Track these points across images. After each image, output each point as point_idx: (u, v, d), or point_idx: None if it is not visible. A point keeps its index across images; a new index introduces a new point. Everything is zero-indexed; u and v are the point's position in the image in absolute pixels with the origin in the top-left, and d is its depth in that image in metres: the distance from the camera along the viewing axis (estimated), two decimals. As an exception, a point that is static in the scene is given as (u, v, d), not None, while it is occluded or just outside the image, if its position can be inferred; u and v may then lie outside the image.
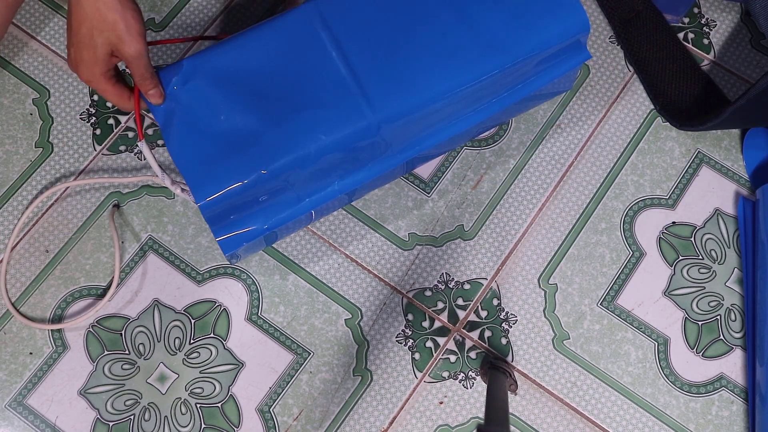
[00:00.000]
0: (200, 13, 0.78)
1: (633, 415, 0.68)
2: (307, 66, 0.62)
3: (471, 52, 0.62)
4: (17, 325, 0.69)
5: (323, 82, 0.61)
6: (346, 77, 0.61)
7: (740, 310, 0.70)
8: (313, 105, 0.61)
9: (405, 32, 0.63)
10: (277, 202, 0.63)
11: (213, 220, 0.62)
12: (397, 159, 0.66)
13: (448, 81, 0.62)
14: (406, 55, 0.62)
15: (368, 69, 0.62)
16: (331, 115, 0.61)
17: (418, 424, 0.68)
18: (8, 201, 0.72)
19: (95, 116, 0.75)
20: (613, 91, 0.76)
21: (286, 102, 0.61)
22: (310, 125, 0.61)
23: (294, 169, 0.61)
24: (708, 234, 0.72)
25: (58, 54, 0.76)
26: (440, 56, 0.62)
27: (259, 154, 0.60)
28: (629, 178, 0.73)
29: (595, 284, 0.71)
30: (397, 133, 0.63)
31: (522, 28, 0.63)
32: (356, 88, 0.61)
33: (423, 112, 0.62)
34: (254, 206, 0.62)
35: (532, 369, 0.69)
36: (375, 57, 0.62)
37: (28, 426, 0.67)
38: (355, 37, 0.62)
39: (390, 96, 0.61)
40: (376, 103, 0.61)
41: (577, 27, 0.63)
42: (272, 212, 0.63)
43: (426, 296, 0.70)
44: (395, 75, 0.62)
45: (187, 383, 0.68)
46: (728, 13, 0.78)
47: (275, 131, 0.60)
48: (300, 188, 0.63)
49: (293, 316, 0.70)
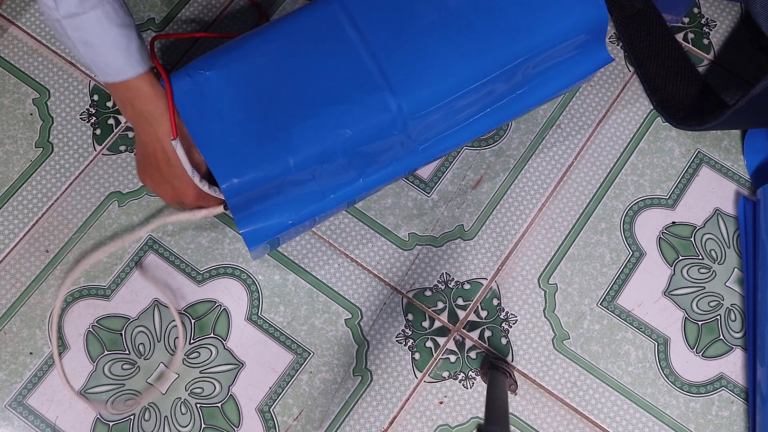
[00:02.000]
0: (204, 9, 0.78)
1: (633, 415, 0.68)
2: (333, 59, 0.62)
3: (493, 41, 0.62)
4: (17, 325, 0.69)
5: (349, 75, 0.61)
6: (372, 70, 0.61)
7: (740, 310, 0.70)
8: (340, 99, 0.61)
9: (429, 25, 0.62)
10: (302, 196, 0.63)
11: (237, 209, 0.61)
12: (422, 156, 0.65)
13: (472, 71, 0.62)
14: (431, 48, 0.62)
15: (393, 62, 0.61)
16: (357, 110, 0.61)
17: (418, 424, 0.68)
18: (8, 201, 0.72)
19: (95, 116, 0.75)
20: (613, 91, 0.76)
21: (312, 95, 0.61)
22: (336, 119, 0.61)
23: (320, 163, 0.61)
24: (708, 234, 0.72)
25: (58, 54, 0.76)
26: (464, 47, 0.62)
27: (284, 145, 0.60)
28: (629, 178, 0.73)
29: (595, 284, 0.71)
30: (422, 128, 0.63)
31: (541, 17, 0.63)
32: (382, 81, 0.61)
33: (448, 106, 0.62)
34: (279, 198, 0.62)
35: (532, 369, 0.69)
36: (399, 50, 0.62)
37: (28, 426, 0.67)
38: (380, 29, 0.62)
39: (416, 89, 0.61)
40: (402, 97, 0.61)
41: (597, 18, 0.64)
42: (297, 206, 0.63)
43: (426, 296, 0.70)
44: (421, 68, 0.62)
45: (187, 383, 0.68)
46: (728, 13, 0.78)
47: (301, 124, 0.60)
48: (325, 183, 0.63)
49: (293, 316, 0.70)
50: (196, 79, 0.60)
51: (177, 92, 0.60)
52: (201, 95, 0.60)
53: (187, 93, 0.60)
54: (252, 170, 0.59)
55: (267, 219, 0.63)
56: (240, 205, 0.61)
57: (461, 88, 0.62)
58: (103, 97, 0.75)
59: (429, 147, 0.65)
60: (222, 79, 0.61)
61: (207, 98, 0.60)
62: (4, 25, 0.77)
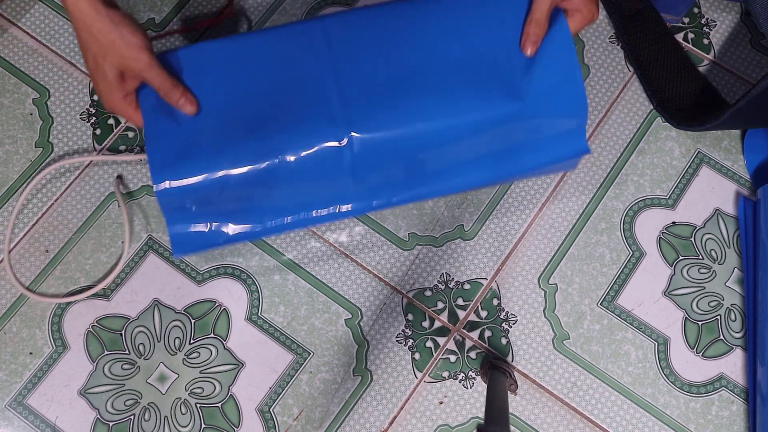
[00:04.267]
0: (203, 9, 0.78)
1: (633, 415, 0.68)
2: (298, 82, 0.60)
3: (467, 101, 0.60)
4: (17, 325, 0.69)
5: (309, 101, 0.59)
6: (334, 104, 0.59)
7: (740, 310, 0.70)
8: (294, 126, 0.59)
9: (403, 65, 0.60)
10: (238, 214, 0.62)
11: (169, 211, 0.60)
12: (367, 205, 0.63)
13: (437, 126, 0.59)
14: (401, 93, 0.60)
15: (358, 100, 0.59)
16: (308, 141, 0.59)
17: (418, 424, 0.68)
18: (8, 201, 0.72)
19: (95, 116, 0.75)
20: (613, 91, 0.76)
21: (270, 116, 0.59)
22: (285, 145, 0.59)
23: (260, 183, 0.59)
24: (708, 234, 0.72)
25: (58, 54, 0.76)
26: (435, 101, 0.59)
27: (229, 159, 0.58)
28: (629, 178, 0.73)
29: (595, 284, 0.71)
30: (374, 176, 0.61)
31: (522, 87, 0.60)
32: (341, 117, 0.59)
33: (401, 158, 0.60)
34: (214, 212, 0.61)
35: (532, 369, 0.69)
36: (368, 89, 0.60)
37: (28, 426, 0.67)
38: (354, 61, 0.60)
39: (371, 128, 0.59)
40: (356, 130, 0.59)
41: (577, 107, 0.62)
42: (232, 224, 0.62)
43: (426, 296, 0.70)
44: (384, 112, 0.59)
45: (187, 383, 0.68)
46: (728, 13, 0.78)
47: (251, 143, 0.59)
48: (264, 207, 0.62)
49: (293, 316, 0.70)
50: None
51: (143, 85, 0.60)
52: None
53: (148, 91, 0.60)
54: (189, 177, 0.58)
55: (198, 227, 0.62)
56: (173, 209, 0.60)
57: (423, 143, 0.60)
58: (103, 97, 0.75)
59: (379, 196, 0.63)
60: (189, 80, 0.60)
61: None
62: (4, 25, 0.77)
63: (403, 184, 0.63)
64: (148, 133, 0.59)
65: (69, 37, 0.77)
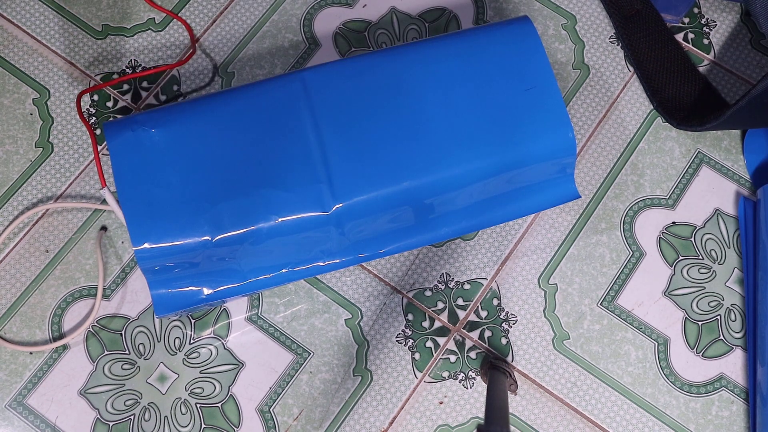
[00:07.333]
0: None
1: (633, 415, 0.68)
2: (281, 140, 0.59)
3: (453, 155, 0.60)
4: (17, 325, 0.69)
5: (291, 160, 0.59)
6: (316, 161, 0.59)
7: (740, 310, 0.70)
8: (275, 183, 0.59)
9: (386, 122, 0.60)
10: (220, 273, 0.61)
11: (150, 272, 0.59)
12: (353, 258, 0.63)
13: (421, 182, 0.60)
14: (382, 148, 0.59)
15: (341, 157, 0.59)
16: (291, 199, 0.58)
17: (418, 424, 0.68)
18: (8, 201, 0.72)
19: (95, 116, 0.75)
20: (613, 91, 0.76)
21: (249, 173, 0.59)
22: (267, 204, 0.58)
23: (242, 244, 0.59)
24: (708, 234, 0.72)
25: (58, 54, 0.76)
26: (419, 157, 0.59)
27: (209, 220, 0.58)
28: (629, 178, 0.73)
29: (595, 284, 0.71)
30: (357, 230, 0.61)
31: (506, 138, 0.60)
32: (324, 174, 0.59)
33: (388, 213, 0.60)
34: (196, 271, 0.61)
35: (532, 369, 0.69)
36: (350, 146, 0.59)
37: (28, 426, 0.67)
38: (335, 119, 0.60)
39: (356, 190, 0.59)
40: (340, 196, 0.59)
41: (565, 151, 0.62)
42: (214, 283, 0.62)
43: (426, 296, 0.70)
44: (368, 169, 0.59)
45: (187, 383, 0.68)
46: (728, 13, 0.78)
47: (231, 202, 0.58)
48: (246, 265, 0.61)
49: (293, 316, 0.70)
50: (138, 134, 0.59)
51: (116, 141, 0.59)
52: (138, 150, 0.59)
53: (124, 144, 0.59)
54: (169, 239, 0.58)
55: (180, 287, 0.61)
56: (153, 270, 0.60)
57: (410, 198, 0.60)
58: (103, 97, 0.75)
59: (363, 248, 0.63)
60: (164, 139, 0.59)
61: (144, 155, 0.59)
62: (4, 25, 0.77)
63: (390, 237, 0.64)
64: (125, 193, 0.58)
65: (69, 37, 0.77)
